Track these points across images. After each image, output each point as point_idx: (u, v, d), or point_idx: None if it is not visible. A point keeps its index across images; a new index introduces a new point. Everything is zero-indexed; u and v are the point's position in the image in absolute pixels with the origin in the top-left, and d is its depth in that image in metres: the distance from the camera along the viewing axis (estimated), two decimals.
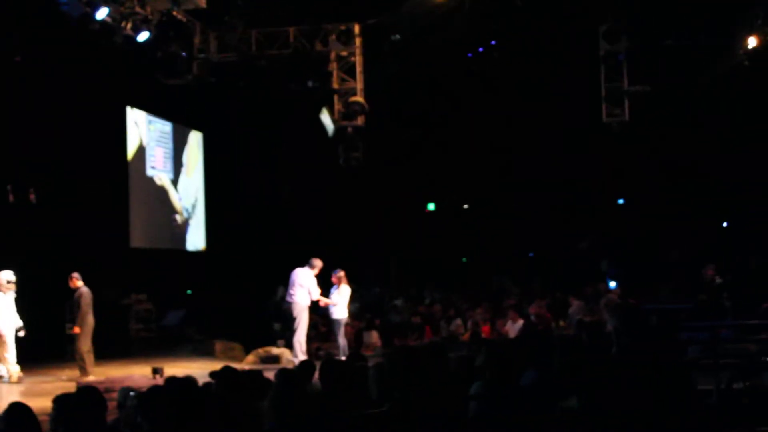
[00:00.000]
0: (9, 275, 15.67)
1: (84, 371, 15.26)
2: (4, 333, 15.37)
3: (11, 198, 18.96)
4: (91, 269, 15.99)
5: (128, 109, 22.92)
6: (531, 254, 31.70)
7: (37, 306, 16.70)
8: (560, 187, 27.89)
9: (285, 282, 17.49)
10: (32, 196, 16.45)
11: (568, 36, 21.28)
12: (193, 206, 26.43)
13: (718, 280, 17.83)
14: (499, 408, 5.93)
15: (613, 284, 21.98)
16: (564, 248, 28.79)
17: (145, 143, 23.65)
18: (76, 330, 15.59)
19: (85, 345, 15.50)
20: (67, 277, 16.07)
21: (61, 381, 15.21)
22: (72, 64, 19.27)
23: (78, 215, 20.36)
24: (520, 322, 17.99)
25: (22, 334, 15.70)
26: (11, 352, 15.43)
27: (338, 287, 17.12)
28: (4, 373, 15.39)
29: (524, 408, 5.89)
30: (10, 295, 15.62)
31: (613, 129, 20.39)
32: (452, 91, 25.66)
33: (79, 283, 15.73)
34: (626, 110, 20.08)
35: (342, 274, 17.20)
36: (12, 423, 6.12)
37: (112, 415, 7.44)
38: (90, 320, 15.62)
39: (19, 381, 15.18)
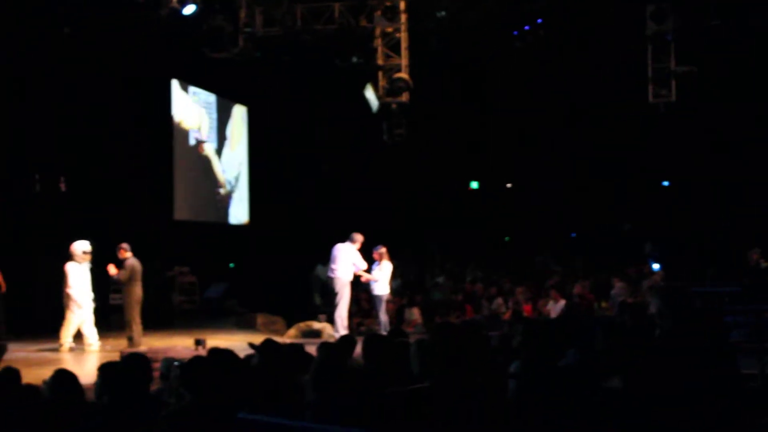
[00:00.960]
0: (85, 245, 15.78)
1: (131, 342, 15.39)
2: (81, 303, 15.54)
3: (38, 188, 19.23)
4: (135, 241, 16.09)
5: (173, 81, 23.05)
6: (573, 234, 31.52)
7: None
8: (604, 167, 27.68)
9: (326, 258, 17.50)
10: (62, 185, 16.51)
11: (614, 15, 21.06)
12: (236, 179, 26.54)
13: (764, 263, 17.69)
14: (538, 387, 5.90)
15: (656, 266, 21.80)
16: (607, 229, 28.61)
17: (188, 114, 23.76)
18: (108, 270, 15.75)
19: (132, 317, 15.62)
20: (111, 248, 16.22)
21: (105, 351, 15.39)
22: (118, 36, 19.38)
23: (123, 188, 20.54)
24: (562, 302, 17.91)
25: (93, 304, 15.92)
26: (78, 321, 15.61)
27: (380, 263, 17.13)
28: (93, 341, 15.58)
29: (565, 387, 5.87)
30: (86, 266, 15.78)
31: (659, 110, 20.20)
32: (497, 68, 25.50)
33: (128, 254, 15.83)
34: (673, 91, 19.89)
35: (384, 250, 17.20)
36: (57, 389, 6.21)
37: (155, 385, 7.52)
38: (137, 291, 15.72)
39: (71, 350, 15.36)
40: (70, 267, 15.57)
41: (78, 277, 15.57)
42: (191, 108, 23.99)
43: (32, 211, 18.93)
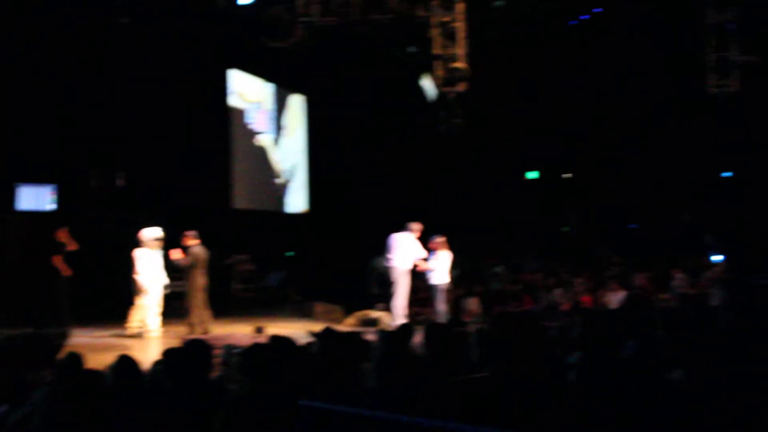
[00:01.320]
0: (157, 232, 15.97)
1: (191, 328, 15.52)
2: (149, 289, 15.72)
3: (93, 183, 19.47)
4: (195, 230, 16.21)
5: (230, 71, 23.20)
6: (633, 225, 31.24)
7: None
8: (664, 158, 27.38)
9: (382, 248, 17.47)
10: (121, 180, 16.70)
11: (673, 4, 20.85)
12: (294, 168, 26.67)
13: None
14: (598, 378, 5.87)
15: (717, 258, 21.55)
16: (667, 220, 28.31)
17: (246, 105, 23.90)
18: (171, 255, 15.87)
19: (193, 304, 15.74)
20: (172, 236, 16.37)
21: (166, 338, 15.54)
22: (176, 26, 19.54)
23: (182, 177, 20.71)
24: (622, 293, 17.76)
25: (165, 291, 16.11)
26: (153, 308, 15.78)
27: (436, 253, 17.10)
28: (154, 327, 15.78)
29: (625, 379, 5.83)
30: (157, 252, 15.95)
31: (719, 100, 19.95)
32: (554, 57, 25.35)
33: (192, 242, 15.95)
34: (734, 81, 19.63)
35: (441, 239, 17.17)
36: (120, 374, 6.29)
37: (215, 372, 7.59)
38: (199, 279, 15.83)
39: (143, 336, 15.54)
40: (139, 253, 15.74)
41: (147, 263, 15.74)
42: (250, 98, 24.12)
43: (91, 204, 19.18)
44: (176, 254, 16.00)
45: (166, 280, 16.12)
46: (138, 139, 19.86)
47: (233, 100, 23.55)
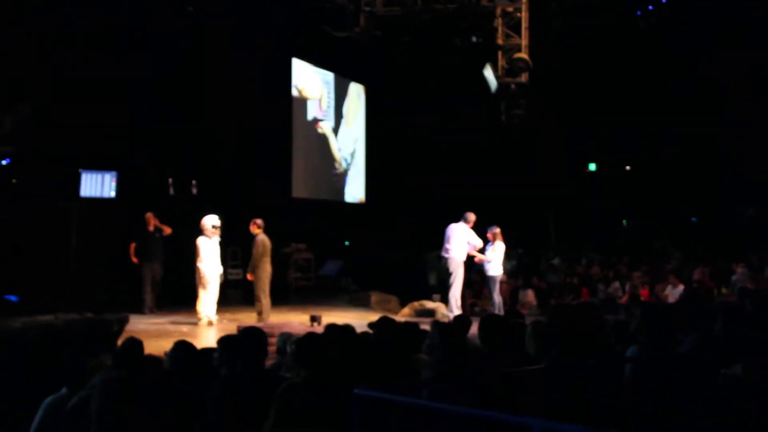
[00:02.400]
0: (214, 220, 16.02)
1: (260, 316, 15.59)
2: (207, 276, 15.88)
3: (172, 192, 19.65)
4: (255, 217, 16.26)
5: (293, 60, 23.30)
6: (694, 219, 30.93)
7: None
8: (727, 151, 27.07)
9: (439, 239, 17.37)
10: (194, 189, 16.86)
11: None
12: (352, 156, 26.74)
13: None
14: (656, 372, 5.82)
15: None
16: (729, 214, 27.98)
17: (307, 93, 23.99)
18: (249, 277, 15.96)
19: (261, 291, 15.81)
20: (228, 223, 16.49)
21: (221, 324, 15.66)
22: (241, 15, 19.66)
23: (245, 164, 20.84)
24: (681, 287, 17.60)
25: (221, 279, 16.23)
26: (211, 295, 15.94)
27: (493, 244, 17.02)
28: (210, 315, 15.90)
29: (683, 373, 5.78)
30: (215, 240, 16.06)
31: None
32: (619, 49, 25.13)
33: (257, 231, 16.03)
34: None
35: (498, 230, 17.07)
36: (178, 360, 6.35)
37: (270, 360, 7.63)
38: (264, 267, 15.90)
39: (210, 324, 15.65)
40: (201, 241, 15.85)
41: (208, 251, 15.87)
42: (311, 87, 24.22)
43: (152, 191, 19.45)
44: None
45: (221, 269, 16.21)
46: (201, 126, 20.02)
47: (295, 91, 23.66)
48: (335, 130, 25.73)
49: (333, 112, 25.62)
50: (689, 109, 26.85)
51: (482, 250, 16.93)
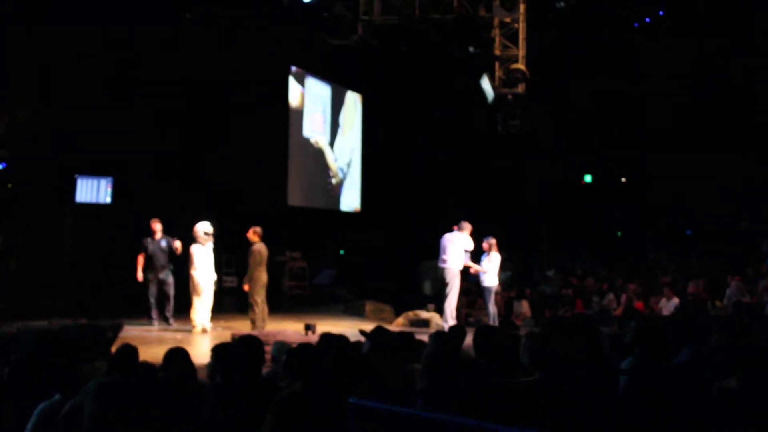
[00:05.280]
0: (206, 227, 16.02)
1: (254, 324, 15.56)
2: (201, 284, 15.83)
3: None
4: (250, 226, 16.23)
5: (291, 68, 23.33)
6: (689, 232, 30.94)
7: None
8: (722, 163, 27.07)
9: (434, 249, 17.31)
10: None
11: (739, 6, 20.61)
12: (348, 166, 26.74)
13: None
14: (651, 385, 5.83)
15: None
16: (724, 227, 27.99)
17: (303, 105, 24.00)
18: (245, 287, 15.93)
19: (256, 299, 15.77)
20: (223, 231, 16.48)
21: (216, 332, 15.65)
22: (238, 22, 19.68)
23: (241, 171, 20.83)
24: (675, 299, 17.64)
25: (214, 287, 16.20)
26: (205, 303, 15.90)
27: (489, 254, 17.04)
28: (204, 323, 15.84)
29: (678, 386, 5.78)
30: (209, 246, 16.03)
31: None
32: (615, 60, 25.16)
33: (255, 238, 15.97)
34: None
35: (493, 241, 17.11)
36: (171, 367, 6.34)
37: (265, 368, 7.62)
38: (260, 276, 15.84)
39: (204, 332, 15.64)
40: (194, 249, 15.85)
41: (201, 258, 15.84)
42: (307, 97, 24.23)
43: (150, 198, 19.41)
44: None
45: (214, 276, 16.19)
46: (196, 134, 20.01)
47: (292, 100, 23.67)
48: (332, 141, 25.73)
49: (329, 125, 25.60)
50: (685, 119, 26.88)
51: (478, 261, 16.96)
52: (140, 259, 16.36)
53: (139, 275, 16.38)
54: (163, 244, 16.37)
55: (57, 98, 17.50)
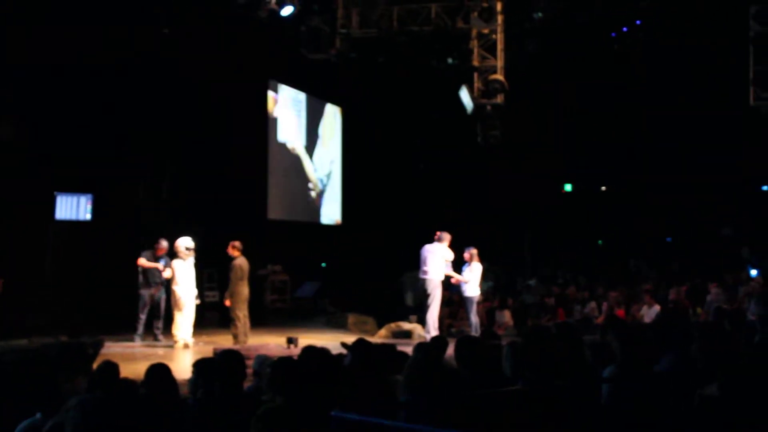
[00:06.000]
0: (188, 242, 15.99)
1: (236, 339, 15.51)
2: (183, 299, 15.77)
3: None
4: (230, 240, 16.19)
5: (269, 81, 23.35)
6: (669, 239, 31.06)
7: None
8: (701, 171, 27.20)
9: (416, 260, 17.25)
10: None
11: (715, 16, 20.70)
12: (328, 177, 26.75)
13: None
14: (633, 392, 5.84)
15: (754, 272, 21.37)
16: (705, 234, 28.11)
17: (276, 112, 23.99)
18: (227, 303, 15.88)
19: (238, 314, 15.72)
20: (204, 245, 16.44)
21: (198, 347, 15.60)
22: (216, 36, 19.68)
23: (220, 185, 20.80)
24: (656, 307, 17.67)
25: (196, 302, 16.14)
26: (187, 318, 15.84)
27: (470, 264, 17.05)
28: (186, 338, 15.78)
29: (660, 393, 5.80)
30: (190, 262, 16.00)
31: (761, 113, 19.74)
32: (593, 70, 25.27)
33: (235, 253, 15.92)
34: None
35: (474, 251, 17.12)
36: (152, 383, 6.32)
37: (247, 382, 7.60)
38: (241, 290, 15.79)
39: (186, 347, 15.58)
40: (175, 264, 15.82)
41: (183, 274, 15.80)
42: (282, 107, 24.25)
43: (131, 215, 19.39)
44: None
45: (195, 291, 16.16)
46: (175, 148, 19.98)
47: (270, 111, 23.66)
48: (310, 151, 25.71)
49: (306, 133, 25.58)
50: (663, 127, 27.01)
51: (459, 271, 16.96)
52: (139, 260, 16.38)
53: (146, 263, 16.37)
54: (162, 263, 16.31)
55: (36, 115, 17.43)
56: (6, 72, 16.63)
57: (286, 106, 24.54)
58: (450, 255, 16.68)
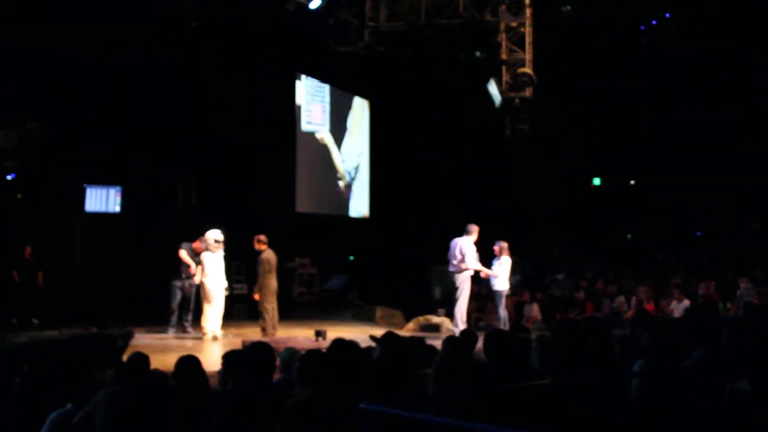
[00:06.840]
0: (217, 234, 16.04)
1: (264, 332, 15.55)
2: (212, 292, 15.84)
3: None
4: (258, 233, 16.22)
5: (297, 74, 23.39)
6: (699, 233, 30.86)
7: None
8: (732, 164, 27.00)
9: (444, 253, 17.21)
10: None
11: (746, 12, 20.57)
12: (356, 170, 26.76)
13: None
14: (663, 387, 5.81)
15: None
16: (734, 228, 27.91)
17: (300, 100, 24.00)
18: (256, 296, 15.93)
19: (266, 307, 15.76)
20: (233, 238, 16.47)
21: (226, 339, 15.65)
22: (244, 28, 19.71)
23: (249, 179, 20.85)
24: (686, 301, 17.55)
25: (225, 293, 16.20)
26: (216, 310, 15.91)
27: (500, 258, 17.00)
28: (215, 330, 15.85)
29: (690, 388, 5.76)
30: (219, 254, 16.04)
31: None
32: (623, 63, 25.14)
33: (262, 247, 15.97)
34: None
35: (504, 245, 17.05)
36: (182, 375, 6.34)
37: (276, 375, 7.61)
38: (270, 283, 15.84)
39: (215, 339, 15.64)
40: (204, 257, 15.85)
41: (212, 266, 15.85)
42: (309, 99, 24.27)
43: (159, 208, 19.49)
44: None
45: (225, 283, 16.20)
46: (203, 141, 20.04)
47: (298, 105, 23.70)
48: (338, 143, 25.73)
49: (332, 124, 25.56)
50: (693, 121, 26.83)
51: (489, 265, 16.91)
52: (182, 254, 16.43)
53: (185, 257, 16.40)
54: (197, 258, 16.31)
55: (66, 109, 17.52)
56: (39, 64, 16.74)
57: (312, 95, 24.56)
58: (473, 255, 16.55)
